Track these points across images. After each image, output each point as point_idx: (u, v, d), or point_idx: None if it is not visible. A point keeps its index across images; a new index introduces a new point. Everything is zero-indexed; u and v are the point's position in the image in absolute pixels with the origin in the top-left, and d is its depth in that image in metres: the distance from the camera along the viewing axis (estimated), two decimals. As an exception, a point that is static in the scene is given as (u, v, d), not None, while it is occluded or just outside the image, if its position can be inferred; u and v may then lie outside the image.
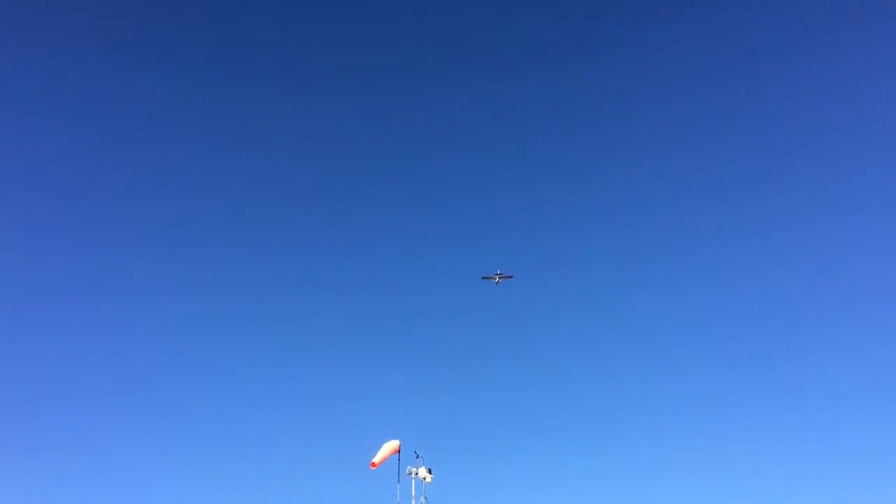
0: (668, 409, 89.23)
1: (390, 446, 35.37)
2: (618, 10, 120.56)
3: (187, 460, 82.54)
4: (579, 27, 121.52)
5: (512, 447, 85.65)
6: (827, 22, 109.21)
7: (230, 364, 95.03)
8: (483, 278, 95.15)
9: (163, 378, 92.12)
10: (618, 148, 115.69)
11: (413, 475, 35.10)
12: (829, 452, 78.91)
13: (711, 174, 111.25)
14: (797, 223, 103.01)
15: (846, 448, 77.97)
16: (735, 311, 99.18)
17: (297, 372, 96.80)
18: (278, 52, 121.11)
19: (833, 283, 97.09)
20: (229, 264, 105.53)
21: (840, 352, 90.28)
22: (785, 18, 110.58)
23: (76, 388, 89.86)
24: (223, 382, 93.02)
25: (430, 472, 35.14)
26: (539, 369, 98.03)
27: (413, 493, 35.01)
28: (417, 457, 35.41)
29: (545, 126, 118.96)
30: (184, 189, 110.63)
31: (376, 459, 34.87)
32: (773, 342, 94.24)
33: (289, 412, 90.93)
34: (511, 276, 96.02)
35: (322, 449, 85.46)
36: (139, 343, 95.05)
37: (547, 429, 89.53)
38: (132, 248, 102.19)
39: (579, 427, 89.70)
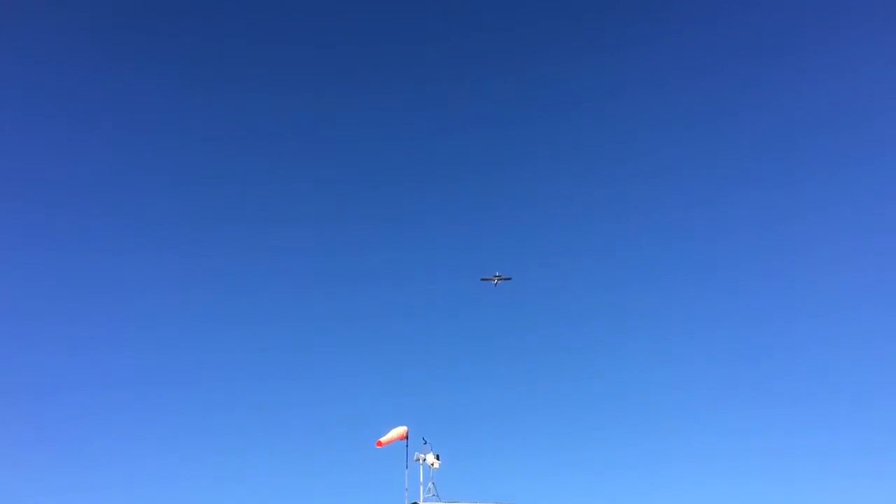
0: (665, 400, 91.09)
1: (398, 431, 35.95)
2: (616, 6, 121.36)
3: (204, 453, 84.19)
4: (577, 24, 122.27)
5: (515, 436, 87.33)
6: (826, 17, 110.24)
7: (238, 362, 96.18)
8: (482, 280, 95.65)
9: (171, 374, 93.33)
10: (619, 146, 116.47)
11: (421, 461, 35.54)
12: (825, 445, 79.95)
13: (711, 171, 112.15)
14: (794, 220, 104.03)
15: (841, 442, 78.98)
16: (732, 308, 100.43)
17: (306, 369, 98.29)
18: (274, 49, 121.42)
19: (829, 279, 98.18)
20: (231, 262, 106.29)
21: (833, 346, 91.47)
22: (783, 14, 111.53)
23: (74, 385, 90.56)
24: (233, 380, 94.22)
25: (437, 458, 35.55)
26: (539, 364, 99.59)
27: (421, 479, 35.44)
28: (425, 443, 35.90)
29: (546, 127, 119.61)
30: (184, 187, 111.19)
31: (383, 439, 35.53)
32: (772, 336, 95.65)
33: (299, 407, 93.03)
34: (509, 279, 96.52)
35: (333, 440, 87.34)
36: (142, 340, 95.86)
37: (547, 420, 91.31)
38: (130, 245, 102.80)
39: (579, 418, 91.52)
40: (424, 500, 34.79)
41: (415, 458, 35.67)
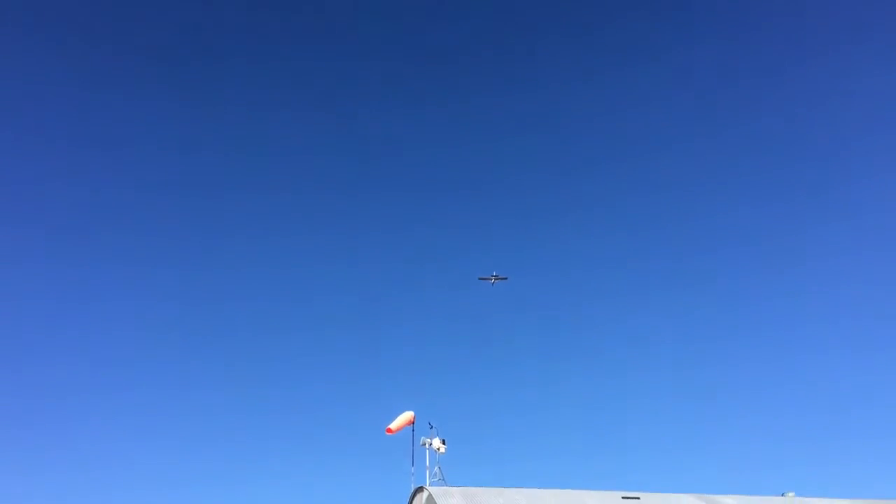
0: (663, 388, 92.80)
1: (406, 416, 36.45)
2: (617, 15, 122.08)
3: (212, 444, 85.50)
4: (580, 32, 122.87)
5: (519, 421, 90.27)
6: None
7: (241, 355, 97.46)
8: (479, 279, 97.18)
9: (177, 374, 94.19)
10: (617, 147, 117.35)
11: (427, 446, 35.95)
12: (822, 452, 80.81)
13: (710, 178, 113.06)
14: (794, 229, 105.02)
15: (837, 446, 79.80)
16: (729, 313, 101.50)
17: (312, 359, 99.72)
18: (277, 56, 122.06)
19: (829, 286, 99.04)
20: (232, 268, 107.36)
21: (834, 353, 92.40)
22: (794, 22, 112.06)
23: (77, 393, 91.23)
24: (237, 373, 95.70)
25: (443, 442, 35.94)
26: (542, 353, 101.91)
27: (427, 464, 35.82)
28: (431, 428, 36.35)
29: (545, 126, 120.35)
30: (187, 193, 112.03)
31: (392, 426, 36.02)
32: (771, 343, 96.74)
33: (306, 395, 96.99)
34: (506, 278, 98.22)
35: (340, 427, 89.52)
36: (145, 333, 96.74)
37: (549, 406, 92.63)
38: (133, 252, 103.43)
39: (580, 405, 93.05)
40: (430, 485, 35.13)
41: (421, 442, 36.13)
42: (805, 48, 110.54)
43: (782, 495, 36.56)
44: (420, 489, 35.36)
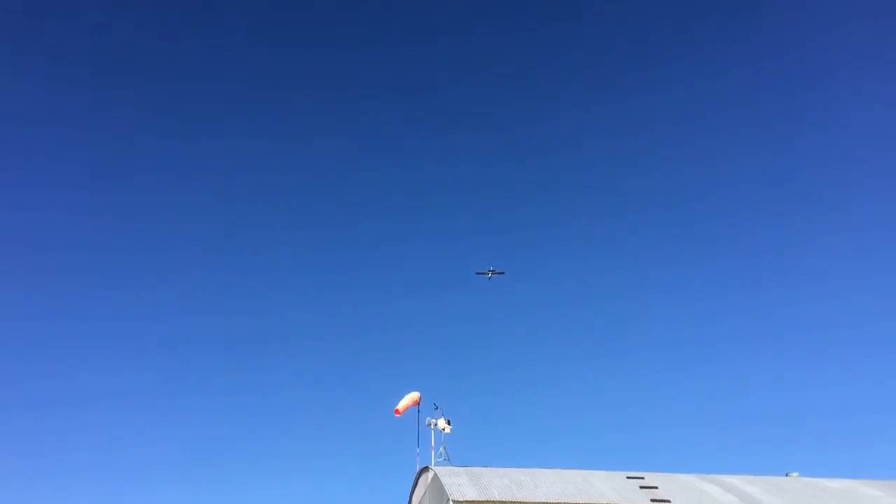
0: (658, 369, 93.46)
1: (412, 397, 36.58)
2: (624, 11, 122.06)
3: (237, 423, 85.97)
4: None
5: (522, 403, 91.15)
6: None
7: (246, 348, 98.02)
8: (477, 273, 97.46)
9: (185, 365, 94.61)
10: (616, 146, 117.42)
11: (432, 426, 36.08)
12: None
13: (709, 177, 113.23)
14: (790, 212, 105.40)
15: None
16: (719, 310, 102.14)
17: (318, 350, 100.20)
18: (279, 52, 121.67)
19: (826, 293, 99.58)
20: (241, 252, 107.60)
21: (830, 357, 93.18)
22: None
23: (83, 399, 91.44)
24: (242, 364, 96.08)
25: (448, 422, 36.09)
26: (543, 338, 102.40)
27: (433, 443, 36.00)
28: (436, 408, 36.48)
29: (542, 124, 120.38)
30: (181, 181, 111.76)
31: (399, 407, 36.12)
32: (771, 337, 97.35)
33: (315, 380, 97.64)
34: (503, 273, 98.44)
35: (347, 408, 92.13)
36: (146, 334, 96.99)
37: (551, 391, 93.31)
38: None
39: (586, 388, 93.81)
40: (436, 464, 35.20)
41: (426, 422, 36.27)
42: (813, 65, 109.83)
43: (786, 475, 36.71)
44: (425, 469, 35.37)
